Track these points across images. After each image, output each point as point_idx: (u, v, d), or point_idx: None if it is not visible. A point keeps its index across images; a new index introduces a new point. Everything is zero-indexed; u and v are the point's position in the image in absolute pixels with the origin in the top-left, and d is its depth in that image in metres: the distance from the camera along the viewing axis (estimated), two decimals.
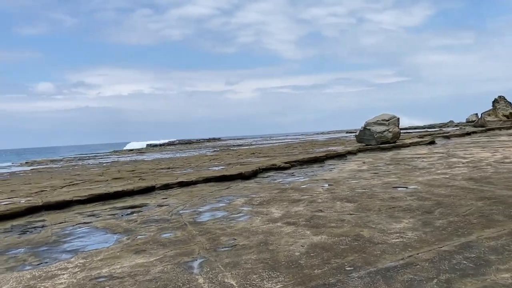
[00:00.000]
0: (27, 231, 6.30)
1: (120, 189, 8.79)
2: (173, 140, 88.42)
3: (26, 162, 31.18)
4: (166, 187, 9.35)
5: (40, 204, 7.44)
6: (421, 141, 20.28)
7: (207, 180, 9.96)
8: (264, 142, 48.66)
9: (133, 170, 14.80)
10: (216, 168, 13.59)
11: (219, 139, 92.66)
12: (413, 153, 15.72)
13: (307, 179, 10.30)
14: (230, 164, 14.95)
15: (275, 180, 10.57)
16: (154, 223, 6.11)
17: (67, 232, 6.02)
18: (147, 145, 64.32)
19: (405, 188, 7.62)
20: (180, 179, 9.94)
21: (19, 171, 20.74)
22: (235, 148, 31.86)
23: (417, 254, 3.87)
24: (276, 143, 40.18)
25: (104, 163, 23.82)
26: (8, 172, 19.85)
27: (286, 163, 14.11)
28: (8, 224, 6.81)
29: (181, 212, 6.85)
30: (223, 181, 10.13)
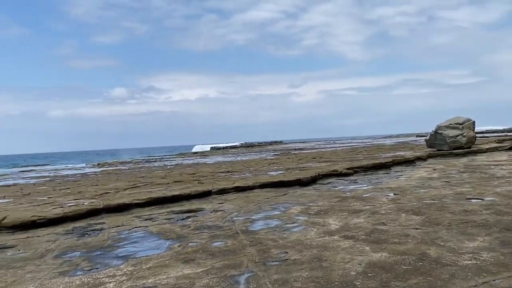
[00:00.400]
0: (86, 233, 6.44)
1: (178, 193, 8.83)
2: (235, 143, 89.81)
3: (98, 164, 33.04)
4: (223, 191, 9.26)
5: (101, 207, 7.63)
6: (500, 147, 18.62)
7: (263, 185, 9.74)
8: (327, 146, 47.74)
9: (194, 173, 14.98)
10: (275, 173, 13.35)
11: (281, 142, 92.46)
12: (491, 159, 14.42)
13: (370, 187, 9.73)
14: (289, 169, 14.65)
15: (336, 187, 10.10)
16: (207, 230, 5.97)
17: (122, 236, 6.06)
18: (211, 148, 65.77)
19: (480, 200, 6.87)
20: (236, 184, 9.81)
21: (91, 172, 21.92)
22: (296, 152, 31.46)
23: (494, 280, 3.34)
24: (340, 147, 39.20)
25: (169, 165, 24.51)
26: (80, 174, 21.05)
27: (348, 169, 13.53)
28: (70, 226, 7.03)
29: (234, 219, 6.67)
30: (280, 187, 9.85)
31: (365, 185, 10.09)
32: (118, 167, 26.40)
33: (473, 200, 6.90)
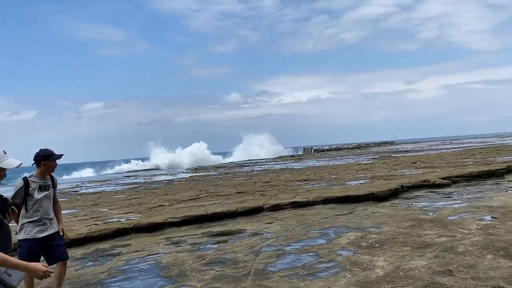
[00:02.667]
0: (99, 259, 5.71)
1: (220, 210, 7.77)
2: (341, 144, 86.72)
3: (196, 168, 33.78)
4: (277, 208, 7.97)
5: (130, 226, 6.90)
6: None
7: (327, 201, 8.21)
8: (439, 146, 43.09)
9: (268, 182, 13.87)
10: (355, 183, 11.61)
11: (392, 143, 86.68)
12: None
13: (464, 204, 7.62)
14: (375, 177, 12.72)
15: (419, 203, 8.15)
16: (219, 266, 4.79)
17: (127, 267, 5.17)
18: (314, 150, 64.20)
19: None
20: (296, 199, 8.43)
21: (179, 179, 22.11)
22: (398, 156, 28.52)
23: None
24: (453, 148, 34.91)
25: (256, 171, 23.76)
26: (168, 180, 21.32)
27: (445, 178, 11.20)
28: (94, 247, 6.39)
29: (263, 250, 5.37)
30: (346, 203, 8.23)
31: (458, 202, 7.98)
32: (208, 173, 26.45)
33: None
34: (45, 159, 3.71)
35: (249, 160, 46.64)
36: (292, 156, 47.27)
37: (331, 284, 3.83)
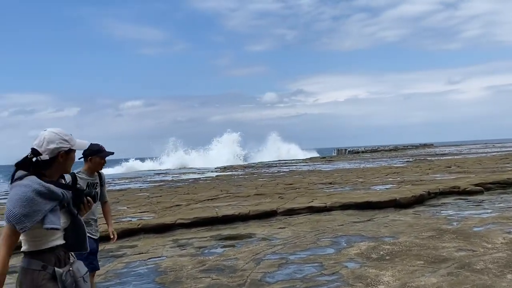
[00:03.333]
0: (99, 261, 5.59)
1: (231, 212, 7.55)
2: (377, 146, 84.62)
3: (224, 167, 33.82)
4: (291, 212, 7.66)
5: (138, 227, 6.79)
6: None
7: (345, 206, 7.82)
8: (480, 150, 41.27)
9: (291, 184, 13.54)
10: (381, 187, 11.11)
11: (431, 145, 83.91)
12: None
13: (494, 214, 7.06)
14: (403, 182, 12.15)
15: (444, 212, 7.63)
16: (216, 273, 4.56)
17: (124, 270, 5.03)
18: (348, 151, 63.01)
19: None
20: (313, 203, 8.09)
21: (206, 177, 22.10)
22: (433, 159, 27.40)
23: None
24: (494, 152, 33.28)
25: (281, 172, 23.41)
26: (194, 179, 21.33)
27: (478, 184, 10.50)
28: (100, 248, 6.30)
29: (266, 258, 5.09)
30: (367, 209, 7.80)
31: (488, 211, 7.41)
32: (235, 172, 26.34)
33: None
34: (93, 155, 3.39)
35: (278, 160, 46.26)
36: (323, 157, 46.46)
37: None
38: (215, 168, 34.43)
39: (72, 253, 1.95)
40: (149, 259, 5.52)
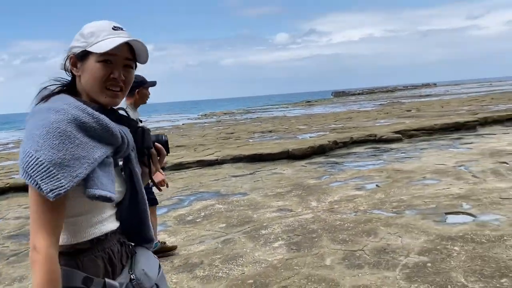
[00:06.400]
0: None
1: None
2: (389, 86, 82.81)
3: (205, 114, 33.76)
4: (180, 166, 7.61)
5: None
6: None
7: (236, 159, 7.74)
8: (467, 90, 40.46)
9: (231, 133, 13.44)
10: (310, 135, 10.98)
11: (433, 85, 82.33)
12: None
13: (378, 166, 6.91)
14: (335, 129, 11.97)
15: (335, 164, 7.49)
16: None
17: None
18: (342, 94, 62.34)
19: None
20: (206, 157, 8.02)
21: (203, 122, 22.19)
22: (408, 101, 26.93)
23: None
24: (478, 92, 32.60)
25: (249, 119, 23.33)
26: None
27: (402, 131, 10.27)
28: None
29: None
30: (259, 162, 7.71)
31: (378, 163, 7.27)
32: (209, 119, 26.36)
33: None
34: (140, 86, 3.07)
35: (268, 105, 45.90)
36: (308, 101, 45.93)
37: None
38: (198, 115, 34.35)
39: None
40: None
